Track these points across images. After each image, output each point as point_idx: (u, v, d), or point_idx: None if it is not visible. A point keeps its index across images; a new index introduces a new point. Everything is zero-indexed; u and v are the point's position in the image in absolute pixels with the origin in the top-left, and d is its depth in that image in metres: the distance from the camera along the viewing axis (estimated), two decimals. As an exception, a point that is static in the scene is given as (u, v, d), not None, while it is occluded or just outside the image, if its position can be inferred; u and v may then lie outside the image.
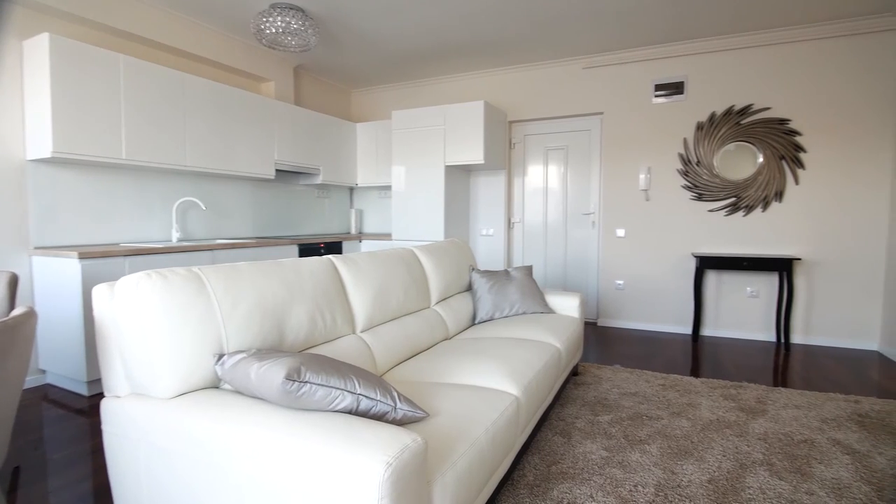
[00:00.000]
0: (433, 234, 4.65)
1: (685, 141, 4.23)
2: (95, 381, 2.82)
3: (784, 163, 3.90)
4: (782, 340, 3.89)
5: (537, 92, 4.79)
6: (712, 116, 4.10)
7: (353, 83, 5.47)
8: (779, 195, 3.93)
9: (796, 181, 3.88)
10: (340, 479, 0.98)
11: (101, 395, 2.78)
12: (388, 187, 5.46)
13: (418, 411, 1.35)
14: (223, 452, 1.13)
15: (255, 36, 3.38)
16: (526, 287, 3.03)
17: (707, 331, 4.24)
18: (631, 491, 1.79)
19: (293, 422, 1.10)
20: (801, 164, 3.86)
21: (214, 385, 1.40)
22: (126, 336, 1.31)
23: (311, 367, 1.18)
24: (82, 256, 2.69)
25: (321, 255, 4.46)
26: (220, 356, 1.37)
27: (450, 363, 1.99)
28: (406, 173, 4.72)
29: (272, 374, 1.13)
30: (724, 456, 2.04)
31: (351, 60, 4.69)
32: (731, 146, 4.06)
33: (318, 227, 5.28)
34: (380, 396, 1.27)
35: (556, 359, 2.29)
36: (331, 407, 1.18)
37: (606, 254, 4.61)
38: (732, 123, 4.02)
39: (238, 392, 1.33)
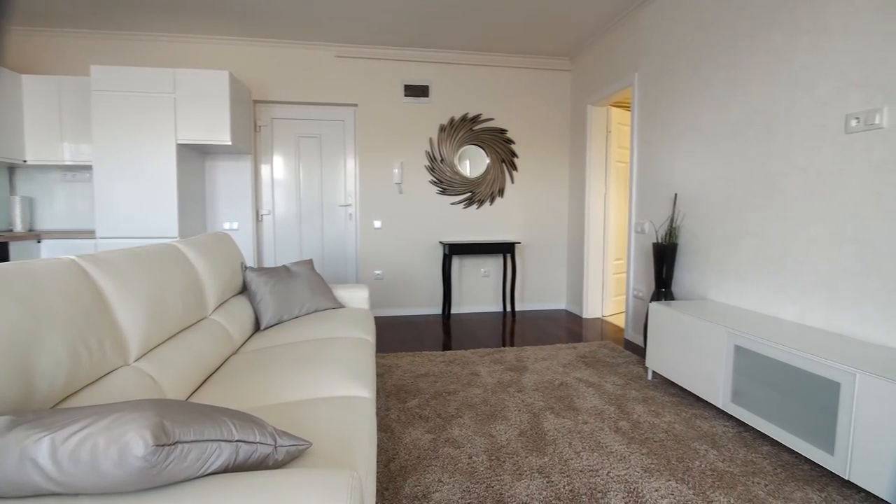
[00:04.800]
0: (163, 229, 3.73)
1: (431, 140, 4.67)
2: None
3: (504, 165, 4.79)
4: (508, 309, 4.80)
5: (288, 73, 4.42)
6: (452, 120, 4.66)
7: (10, 16, 3.81)
8: (501, 191, 4.81)
9: (512, 180, 4.83)
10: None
11: None
12: (84, 167, 4.08)
13: (301, 442, 1.06)
14: None
15: None
16: (314, 283, 2.78)
17: (455, 309, 4.83)
18: (469, 463, 1.88)
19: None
20: (515, 167, 4.81)
21: (-89, 500, 0.76)
22: None
23: (174, 418, 0.77)
24: None
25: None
26: (-71, 443, 0.74)
27: (277, 377, 1.65)
28: (117, 150, 3.61)
29: (118, 442, 0.68)
30: (519, 411, 2.37)
31: (13, -19, 3.26)
32: (466, 148, 4.71)
33: (-45, 221, 3.51)
34: (259, 437, 0.95)
35: (372, 353, 2.19)
36: (203, 470, 0.81)
37: (364, 245, 4.67)
38: (467, 129, 4.68)
39: (-17, 497, 0.76)
